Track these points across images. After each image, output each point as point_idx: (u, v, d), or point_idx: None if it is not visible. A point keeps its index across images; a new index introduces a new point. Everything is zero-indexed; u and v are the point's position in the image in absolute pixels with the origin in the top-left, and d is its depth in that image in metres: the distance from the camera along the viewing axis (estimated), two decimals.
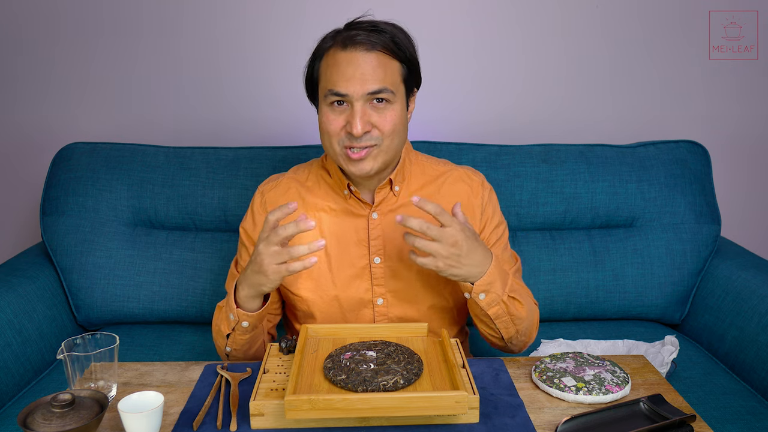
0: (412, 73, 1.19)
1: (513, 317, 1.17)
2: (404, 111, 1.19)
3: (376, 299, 1.26)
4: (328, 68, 1.14)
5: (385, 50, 1.13)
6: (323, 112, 1.17)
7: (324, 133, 1.17)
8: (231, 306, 1.14)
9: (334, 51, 1.14)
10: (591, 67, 1.99)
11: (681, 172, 1.76)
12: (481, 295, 1.12)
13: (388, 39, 1.13)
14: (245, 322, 1.14)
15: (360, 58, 1.12)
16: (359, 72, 1.11)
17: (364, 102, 1.13)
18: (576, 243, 1.75)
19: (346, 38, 1.13)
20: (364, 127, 1.12)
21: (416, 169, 1.30)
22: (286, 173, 1.34)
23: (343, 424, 0.93)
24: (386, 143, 1.16)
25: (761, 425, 1.30)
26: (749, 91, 2.03)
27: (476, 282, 1.11)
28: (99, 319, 1.73)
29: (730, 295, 1.62)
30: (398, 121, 1.16)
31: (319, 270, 1.25)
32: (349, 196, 1.25)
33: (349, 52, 1.12)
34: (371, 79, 1.11)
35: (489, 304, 1.13)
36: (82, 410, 0.87)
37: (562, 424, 0.92)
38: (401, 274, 1.25)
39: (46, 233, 1.72)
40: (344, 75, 1.11)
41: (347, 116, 1.14)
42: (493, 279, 1.11)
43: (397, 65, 1.16)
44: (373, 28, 1.14)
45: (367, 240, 1.25)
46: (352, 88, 1.11)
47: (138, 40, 1.95)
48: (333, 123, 1.15)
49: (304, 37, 1.93)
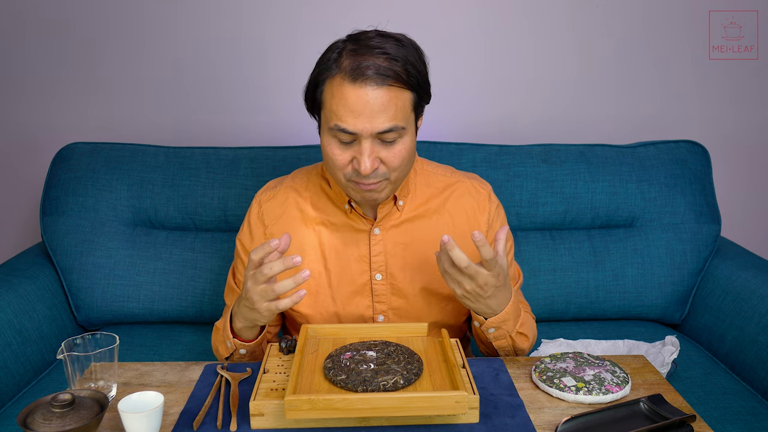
0: (422, 97, 1.12)
1: (516, 349, 1.18)
2: (413, 138, 1.13)
3: (376, 316, 1.24)
4: (333, 99, 1.06)
5: (396, 82, 1.05)
6: (328, 141, 1.10)
7: (329, 162, 1.11)
8: (227, 335, 1.13)
9: (341, 81, 1.05)
10: (591, 67, 1.99)
11: (681, 172, 1.76)
12: (490, 330, 1.12)
13: (400, 69, 1.05)
14: (242, 350, 1.14)
15: (370, 94, 1.04)
16: (368, 109, 1.04)
17: (372, 139, 1.06)
18: (576, 243, 1.75)
19: (355, 71, 1.04)
20: (373, 164, 1.07)
21: (421, 180, 1.25)
22: (285, 180, 1.29)
23: (343, 424, 0.93)
24: (394, 176, 1.11)
25: (761, 425, 1.30)
26: (749, 91, 2.03)
27: (489, 318, 1.10)
28: (99, 319, 1.73)
29: (730, 295, 1.62)
30: (407, 153, 1.10)
31: (318, 286, 1.23)
32: (350, 211, 1.21)
33: (359, 87, 1.04)
34: (381, 117, 1.04)
35: (496, 337, 1.14)
36: (82, 410, 0.87)
37: (562, 424, 0.91)
38: (403, 291, 1.23)
39: (46, 233, 1.72)
40: (353, 112, 1.04)
41: (354, 152, 1.08)
42: (507, 318, 1.11)
43: (408, 95, 1.08)
44: (383, 54, 1.05)
45: (368, 256, 1.22)
46: (360, 126, 1.04)
47: (138, 40, 1.95)
48: (339, 158, 1.09)
49: (307, 37, 1.94)
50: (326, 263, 1.23)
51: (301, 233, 1.23)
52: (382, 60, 1.05)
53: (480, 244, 0.99)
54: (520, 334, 1.15)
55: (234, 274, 1.29)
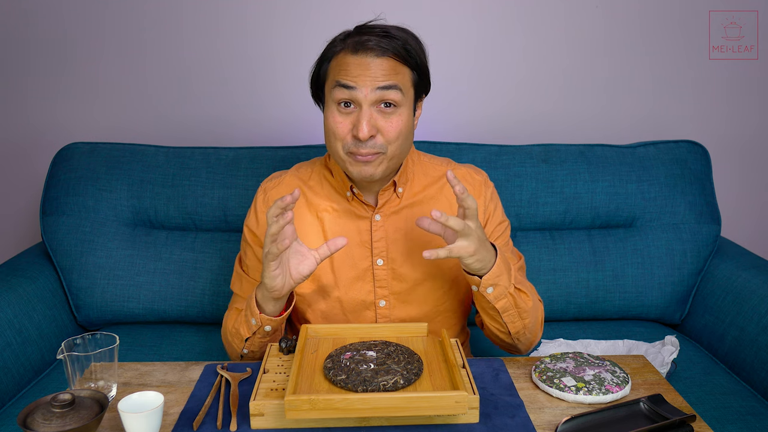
0: (422, 80, 1.18)
1: (520, 310, 1.16)
2: (411, 116, 1.18)
3: (378, 301, 1.25)
4: (337, 66, 1.13)
5: (395, 56, 1.12)
6: (330, 112, 1.15)
7: (329, 134, 1.16)
8: (254, 312, 1.13)
9: (344, 54, 1.13)
10: (592, 66, 1.99)
11: (681, 172, 1.76)
12: (489, 289, 1.12)
13: (399, 45, 1.12)
14: (268, 326, 1.14)
15: (370, 61, 1.11)
16: (370, 71, 1.10)
17: (371, 104, 1.11)
18: (576, 243, 1.75)
19: (357, 43, 1.12)
20: (371, 130, 1.11)
21: (419, 169, 1.29)
22: (289, 171, 1.33)
23: (343, 424, 0.93)
24: (391, 150, 1.15)
25: (761, 425, 1.30)
26: (749, 92, 2.03)
27: (484, 276, 1.10)
28: (99, 319, 1.73)
29: (730, 295, 1.62)
30: (404, 126, 1.15)
31: (321, 271, 1.25)
32: (352, 198, 1.25)
33: (360, 56, 1.11)
34: (381, 77, 1.10)
35: (497, 297, 1.13)
36: (82, 410, 0.87)
37: (562, 424, 0.92)
38: (404, 276, 1.25)
39: (46, 233, 1.72)
40: (353, 73, 1.11)
41: (354, 119, 1.12)
42: (500, 272, 1.11)
43: (407, 71, 1.14)
44: (384, 34, 1.12)
45: (369, 242, 1.25)
46: (361, 82, 1.10)
47: (138, 40, 1.95)
48: (340, 125, 1.14)
49: (307, 37, 1.94)
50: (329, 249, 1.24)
51: (304, 219, 1.26)
52: (383, 37, 1.12)
53: (443, 220, 1.01)
54: (518, 290, 1.16)
55: (241, 260, 1.32)
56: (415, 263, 1.24)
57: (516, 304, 1.16)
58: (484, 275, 1.11)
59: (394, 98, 1.12)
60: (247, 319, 1.16)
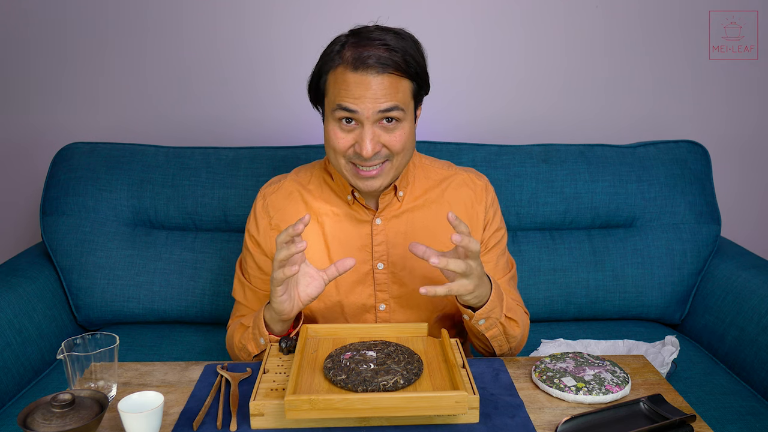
0: (422, 86, 1.18)
1: (508, 336, 1.18)
2: (413, 126, 1.17)
3: (378, 305, 1.25)
4: (336, 84, 1.11)
5: (396, 71, 1.10)
6: (330, 127, 1.14)
7: (330, 148, 1.15)
8: (262, 332, 1.13)
9: (344, 70, 1.10)
10: (592, 66, 1.99)
11: (681, 172, 1.76)
12: (480, 321, 1.12)
13: (399, 58, 1.10)
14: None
15: (371, 80, 1.09)
16: (370, 92, 1.09)
17: (373, 122, 1.11)
18: (576, 243, 1.75)
19: (356, 60, 1.09)
20: (374, 148, 1.11)
21: (420, 172, 1.29)
22: (288, 175, 1.32)
23: (343, 424, 0.93)
24: (396, 160, 1.15)
25: (761, 425, 1.30)
26: (749, 92, 2.03)
27: (477, 311, 1.11)
28: (99, 319, 1.73)
29: (730, 295, 1.62)
30: (407, 138, 1.14)
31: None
32: (353, 202, 1.24)
33: (360, 74, 1.09)
34: (383, 98, 1.09)
35: (487, 327, 1.14)
36: (82, 410, 0.87)
37: (562, 424, 0.92)
38: (404, 280, 1.25)
39: (46, 233, 1.72)
40: (354, 94, 1.09)
41: (356, 136, 1.12)
42: (494, 306, 1.12)
43: (407, 84, 1.13)
44: (383, 46, 1.10)
45: (370, 245, 1.24)
46: (362, 105, 1.09)
47: (138, 40, 1.95)
48: (341, 141, 1.13)
49: (307, 37, 1.94)
50: (329, 253, 1.25)
51: None
52: (382, 51, 1.10)
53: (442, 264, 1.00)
54: (509, 319, 1.16)
55: (242, 266, 1.32)
56: (415, 267, 1.24)
57: (505, 332, 1.17)
58: (477, 309, 1.11)
59: (395, 116, 1.12)
60: (255, 338, 1.16)
